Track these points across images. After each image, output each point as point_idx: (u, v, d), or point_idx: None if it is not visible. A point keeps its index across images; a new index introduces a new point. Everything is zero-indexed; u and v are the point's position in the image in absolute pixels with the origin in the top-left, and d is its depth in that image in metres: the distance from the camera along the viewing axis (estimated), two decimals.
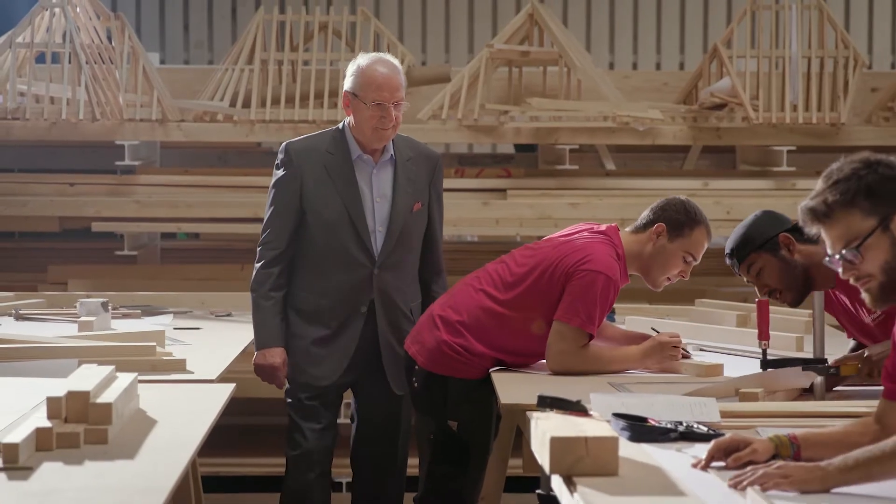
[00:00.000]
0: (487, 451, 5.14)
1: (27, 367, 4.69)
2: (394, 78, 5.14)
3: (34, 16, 8.11)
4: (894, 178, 3.23)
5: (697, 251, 5.09)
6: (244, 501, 7.42)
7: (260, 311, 5.26)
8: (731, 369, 4.85)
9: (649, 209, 5.11)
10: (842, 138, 8.12)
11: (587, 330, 4.85)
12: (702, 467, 3.38)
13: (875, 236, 3.22)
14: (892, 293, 3.26)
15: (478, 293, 5.01)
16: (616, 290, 4.94)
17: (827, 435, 3.47)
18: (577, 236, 5.05)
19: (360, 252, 5.21)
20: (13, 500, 3.08)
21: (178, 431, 3.89)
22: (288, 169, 5.22)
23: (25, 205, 8.10)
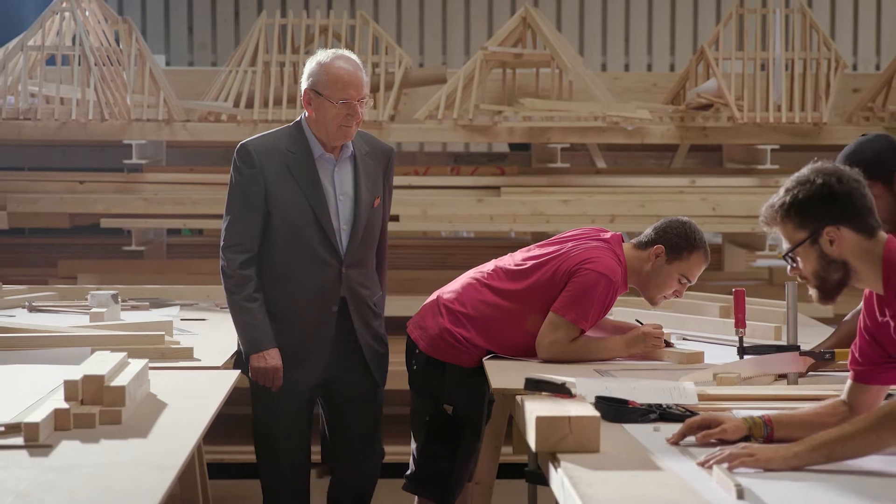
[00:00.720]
0: (479, 433, 5.27)
1: (43, 355, 4.81)
2: (359, 75, 5.00)
3: (45, 19, 8.10)
4: (827, 197, 3.46)
5: (693, 274, 5.21)
6: (247, 487, 7.32)
7: (247, 313, 5.04)
8: (711, 357, 4.99)
9: (652, 228, 5.22)
10: (824, 137, 8.15)
11: (580, 325, 4.99)
12: (672, 442, 3.56)
13: (804, 247, 3.49)
14: (827, 294, 3.52)
15: (483, 287, 5.15)
16: (615, 293, 5.07)
17: (799, 416, 3.64)
18: (584, 240, 5.18)
19: (326, 252, 5.06)
20: (35, 474, 3.23)
21: (186, 413, 4.02)
22: (250, 169, 5.03)
23: (37, 202, 8.08)
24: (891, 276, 3.45)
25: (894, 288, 3.44)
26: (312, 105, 5.03)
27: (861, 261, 3.49)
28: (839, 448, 3.31)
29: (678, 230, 5.19)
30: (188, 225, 8.55)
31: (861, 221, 3.49)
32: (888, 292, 3.46)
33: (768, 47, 8.21)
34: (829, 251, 3.48)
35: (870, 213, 3.50)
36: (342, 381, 5.20)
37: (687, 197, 8.02)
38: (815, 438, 3.34)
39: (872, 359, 3.57)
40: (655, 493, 3.09)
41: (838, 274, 3.49)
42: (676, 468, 3.32)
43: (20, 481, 3.15)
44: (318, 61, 5.04)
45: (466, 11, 12.92)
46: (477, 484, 5.94)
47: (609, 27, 12.97)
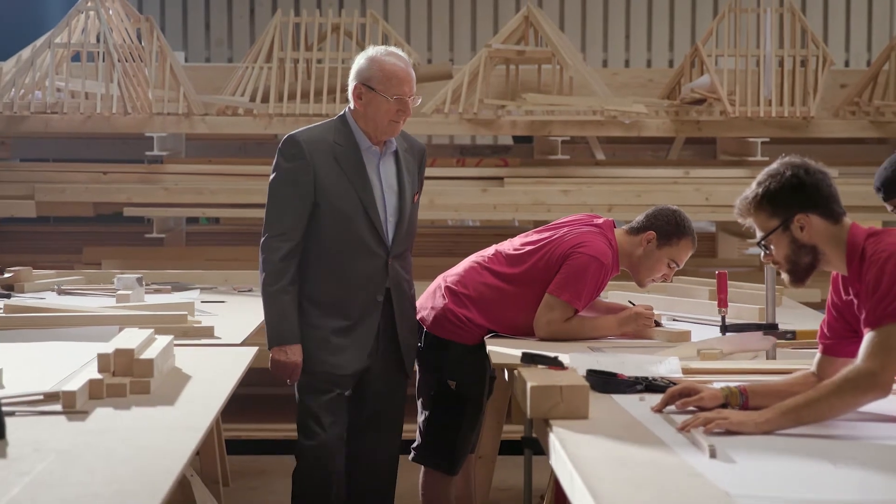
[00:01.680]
0: (480, 407, 5.47)
1: (74, 333, 5.07)
2: (410, 72, 4.96)
3: (71, 18, 8.28)
4: (796, 187, 3.69)
5: (681, 259, 5.41)
6: (263, 462, 7.61)
7: (279, 304, 4.92)
8: (698, 336, 5.19)
9: (643, 215, 5.42)
10: (812, 130, 8.32)
11: (574, 305, 5.20)
12: (655, 410, 3.79)
13: (776, 234, 3.72)
14: (797, 276, 3.75)
15: (484, 270, 5.35)
16: (607, 275, 5.27)
17: (772, 386, 3.88)
18: (578, 225, 5.37)
19: (374, 243, 4.97)
20: (73, 436, 3.47)
21: (209, 385, 4.24)
22: (300, 160, 4.92)
23: (63, 191, 8.25)
24: (853, 258, 3.67)
25: (857, 269, 3.66)
26: (363, 100, 4.94)
27: (828, 245, 3.71)
28: (805, 412, 3.54)
29: (668, 218, 5.39)
30: (207, 214, 8.69)
31: (827, 208, 3.71)
32: (851, 273, 3.68)
33: (759, 45, 8.37)
34: (799, 237, 3.70)
35: (835, 201, 3.72)
36: (377, 370, 5.11)
37: (681, 187, 8.21)
38: (784, 405, 3.57)
39: (839, 332, 3.81)
40: (637, 453, 3.31)
41: (808, 258, 3.71)
42: (658, 432, 3.54)
43: (61, 441, 3.38)
44: (369, 57, 4.96)
45: (473, 10, 13.06)
46: (480, 457, 6.19)
47: (610, 25, 13.09)
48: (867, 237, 3.69)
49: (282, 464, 7.35)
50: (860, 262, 3.66)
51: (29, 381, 4.05)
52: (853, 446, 3.40)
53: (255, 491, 7.14)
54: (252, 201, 8.24)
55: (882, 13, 12.92)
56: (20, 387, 3.95)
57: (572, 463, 3.22)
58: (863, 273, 3.64)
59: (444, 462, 5.50)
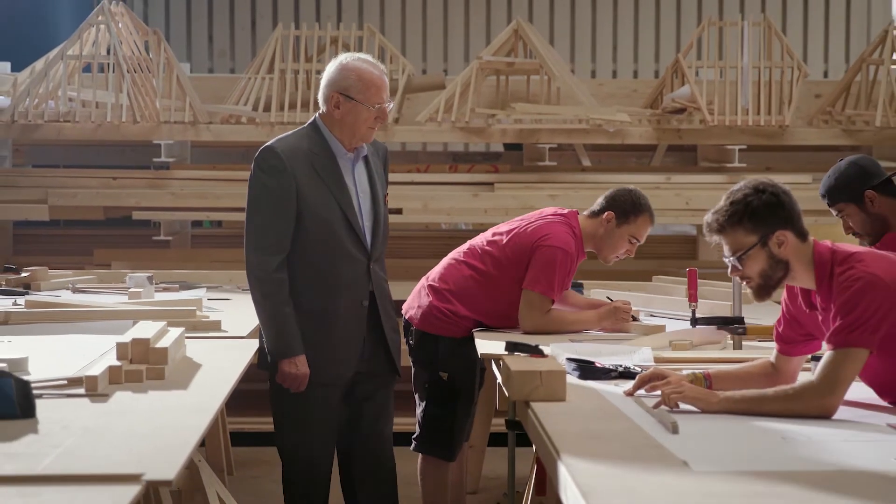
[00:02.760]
0: (472, 396, 5.70)
1: (92, 326, 5.31)
2: (385, 78, 4.92)
3: (82, 31, 8.41)
4: (775, 205, 3.89)
5: (641, 234, 5.68)
6: (264, 453, 7.66)
7: (281, 317, 4.84)
8: (671, 329, 5.44)
9: (602, 197, 5.69)
10: (786, 139, 8.49)
11: (549, 296, 5.47)
12: (627, 394, 4.05)
13: (755, 250, 3.90)
14: (766, 291, 3.95)
15: (461, 265, 5.62)
16: (573, 262, 5.54)
17: (733, 372, 4.15)
18: (543, 218, 5.64)
19: (355, 248, 4.91)
20: (97, 415, 3.72)
21: (218, 372, 4.48)
22: (282, 171, 4.82)
23: (75, 196, 8.37)
24: (823, 276, 3.88)
25: (827, 285, 3.87)
26: (342, 109, 4.86)
27: (798, 261, 3.91)
28: (756, 406, 3.80)
29: (625, 197, 5.66)
30: (211, 217, 8.79)
31: (800, 226, 3.92)
32: (821, 289, 3.90)
33: (738, 57, 8.53)
34: (776, 252, 3.89)
35: (801, 219, 3.95)
36: (369, 373, 5.07)
37: (663, 192, 8.38)
38: (742, 393, 3.84)
39: (792, 338, 4.08)
40: (608, 429, 3.58)
41: (781, 273, 3.91)
42: (628, 413, 3.81)
43: (86, 420, 3.63)
44: (343, 65, 4.88)
45: (466, 23, 13.12)
46: (471, 447, 6.45)
47: (598, 37, 13.17)
48: (832, 254, 3.89)
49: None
50: (829, 279, 3.85)
51: (53, 369, 4.28)
52: (802, 424, 3.66)
53: (257, 480, 7.33)
54: None
55: (859, 27, 13.06)
56: (45, 373, 4.18)
57: (549, 438, 3.49)
58: (833, 292, 3.83)
59: (442, 449, 5.71)
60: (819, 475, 3.08)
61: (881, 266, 3.83)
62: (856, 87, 8.77)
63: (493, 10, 13.10)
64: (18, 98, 8.39)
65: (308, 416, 4.99)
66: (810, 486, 2.98)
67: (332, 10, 13.02)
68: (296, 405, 4.97)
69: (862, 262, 3.83)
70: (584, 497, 2.88)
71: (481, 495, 6.99)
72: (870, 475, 3.09)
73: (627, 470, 3.13)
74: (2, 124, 8.40)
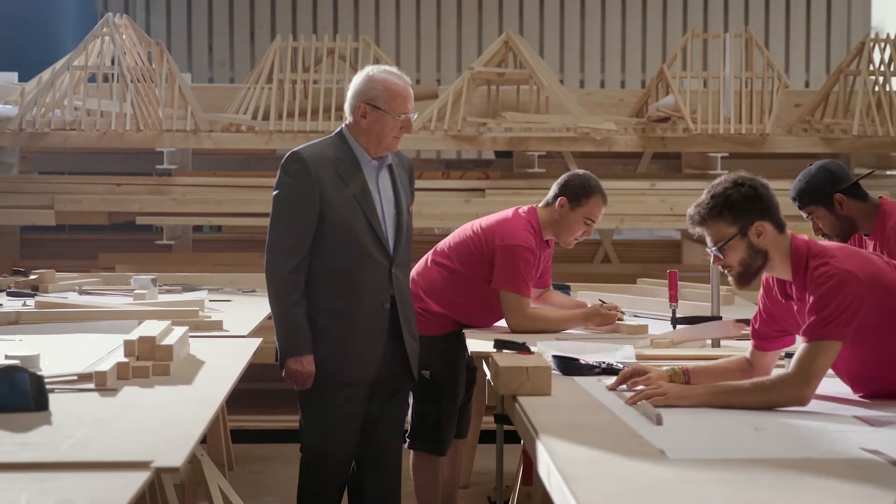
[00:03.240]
0: (456, 392, 5.81)
1: (99, 326, 5.43)
2: (410, 90, 4.96)
3: (87, 43, 8.48)
4: (754, 197, 4.02)
5: (595, 215, 5.78)
6: (263, 450, 7.91)
7: (293, 317, 4.84)
8: (654, 329, 5.58)
9: (555, 184, 5.80)
10: (767, 146, 8.62)
11: (523, 293, 5.59)
12: (610, 388, 4.17)
13: (735, 240, 4.04)
14: (747, 279, 4.08)
15: (432, 265, 5.74)
16: (534, 254, 5.66)
17: (711, 367, 4.28)
18: (504, 216, 5.76)
19: (378, 252, 4.92)
20: (106, 408, 3.85)
21: (220, 369, 4.61)
22: (306, 175, 4.83)
23: (81, 202, 8.48)
24: (799, 267, 4.01)
25: (802, 276, 4.01)
26: (368, 118, 4.89)
27: (776, 251, 4.05)
28: (733, 398, 3.91)
29: (575, 181, 5.76)
30: (212, 222, 8.96)
31: (777, 218, 4.06)
32: (797, 280, 4.03)
33: (719, 68, 8.65)
34: (756, 242, 4.03)
35: (779, 211, 4.08)
36: (386, 376, 5.06)
37: (648, 198, 8.51)
38: (719, 386, 3.98)
39: (768, 334, 4.21)
40: (591, 421, 3.71)
41: (760, 261, 4.05)
42: (610, 406, 3.93)
43: (96, 412, 3.76)
44: (371, 77, 4.92)
45: (458, 34, 13.20)
46: (463, 442, 6.54)
47: (586, 48, 13.24)
48: (808, 247, 4.02)
49: (281, 451, 7.81)
50: (805, 271, 3.98)
51: (63, 365, 4.40)
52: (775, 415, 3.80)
53: (257, 475, 7.42)
54: (254, 210, 8.46)
55: (839, 39, 13.15)
56: (56, 370, 4.29)
57: (535, 429, 3.61)
58: (807, 283, 3.96)
59: (432, 445, 5.81)
60: (788, 462, 3.21)
61: (854, 262, 3.96)
62: (834, 96, 8.89)
63: (485, 23, 13.17)
64: (26, 107, 8.49)
65: (330, 415, 4.98)
66: (779, 471, 3.11)
67: (328, 22, 13.08)
68: (319, 404, 4.97)
69: (836, 259, 3.96)
70: (566, 482, 3.00)
71: (472, 490, 7.10)
72: (836, 462, 3.22)
73: (608, 458, 3.25)
74: (10, 133, 8.49)
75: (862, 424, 3.70)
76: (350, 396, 4.97)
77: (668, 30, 13.24)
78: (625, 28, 13.32)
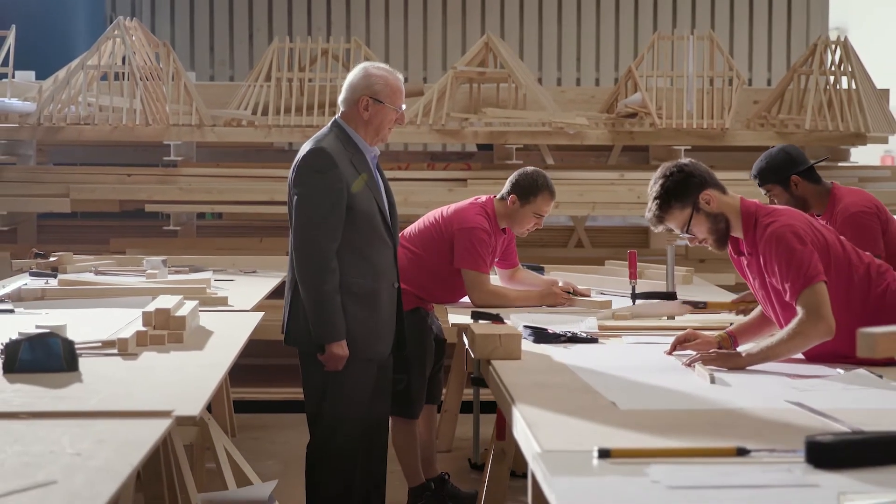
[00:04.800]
0: (424, 361, 6.05)
1: (117, 301, 5.74)
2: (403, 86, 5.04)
3: (100, 44, 8.67)
4: (686, 178, 4.34)
5: (543, 210, 6.06)
6: (263, 419, 8.18)
7: (334, 303, 4.86)
8: (618, 305, 5.88)
9: (508, 181, 6.08)
10: (727, 139, 8.85)
11: (481, 270, 5.90)
12: (667, 353, 4.46)
13: (694, 217, 4.35)
14: (722, 241, 4.38)
15: (401, 247, 5.83)
16: (489, 234, 5.95)
17: (748, 324, 4.59)
18: (462, 205, 6.05)
19: (387, 235, 5.02)
20: (128, 371, 4.18)
21: (227, 339, 4.92)
22: (334, 168, 4.86)
23: (94, 191, 8.68)
24: (749, 224, 4.31)
25: (752, 232, 4.31)
26: (370, 110, 4.95)
27: (728, 211, 4.33)
28: (771, 353, 4.20)
29: (524, 180, 6.03)
30: (215, 209, 9.12)
31: (715, 182, 4.37)
32: (747, 237, 4.33)
33: (684, 67, 8.87)
34: (710, 210, 4.31)
35: (713, 176, 4.38)
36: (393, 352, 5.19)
37: (617, 187, 8.76)
38: (756, 346, 4.26)
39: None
40: (553, 380, 4.05)
41: (723, 223, 4.34)
42: (572, 368, 4.26)
43: (120, 374, 4.10)
44: (370, 73, 4.99)
45: (444, 36, 13.33)
46: (445, 412, 6.85)
47: (563, 48, 13.40)
48: (757, 208, 4.33)
49: (279, 420, 8.08)
50: (754, 228, 4.29)
51: (87, 335, 4.70)
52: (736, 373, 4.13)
53: (256, 441, 7.70)
54: (254, 199, 8.66)
55: (799, 40, 13.31)
56: (81, 338, 4.56)
57: (506, 388, 3.94)
58: (758, 240, 4.26)
59: (405, 409, 6.02)
60: (722, 411, 3.57)
61: (794, 216, 4.30)
62: (789, 94, 9.11)
63: (468, 25, 13.30)
64: (43, 103, 8.66)
65: (350, 390, 5.01)
66: (713, 417, 3.46)
67: (322, 23, 13.18)
68: (339, 380, 4.99)
69: (783, 215, 4.29)
70: (530, 428, 3.34)
71: (454, 454, 7.36)
72: (762, 409, 3.57)
73: (567, 409, 3.59)
74: (28, 127, 8.67)
75: (791, 379, 4.03)
76: (369, 371, 5.05)
77: (639, 31, 13.37)
78: (599, 29, 13.46)
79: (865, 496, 2.60)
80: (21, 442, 3.12)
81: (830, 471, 2.83)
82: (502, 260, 6.30)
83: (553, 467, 2.90)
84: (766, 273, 4.32)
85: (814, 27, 13.35)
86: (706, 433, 3.28)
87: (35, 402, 3.60)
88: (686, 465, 2.91)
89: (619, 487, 2.74)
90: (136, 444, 3.11)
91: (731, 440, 3.11)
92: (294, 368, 5.27)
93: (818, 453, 2.85)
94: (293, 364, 5.38)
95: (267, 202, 8.73)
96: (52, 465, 2.90)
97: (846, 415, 3.42)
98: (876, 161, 14.45)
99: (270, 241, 9.16)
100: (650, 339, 4.91)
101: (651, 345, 4.79)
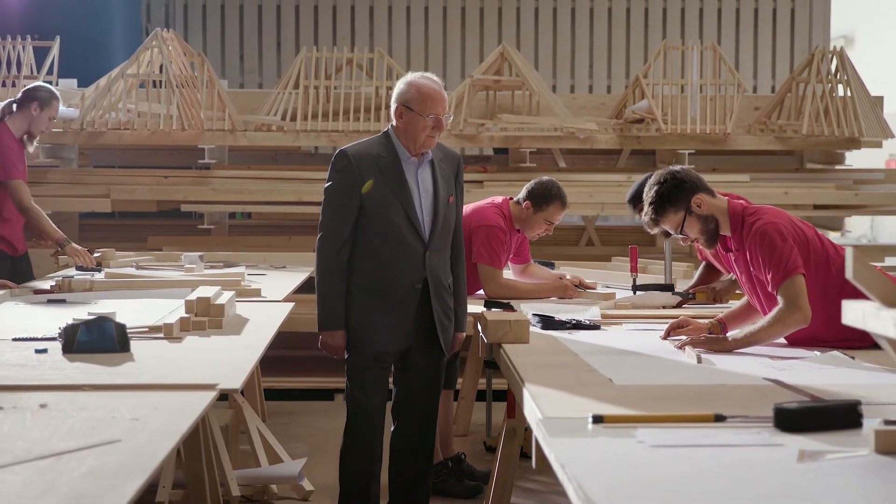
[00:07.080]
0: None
1: (159, 292, 6.05)
2: (443, 94, 5.03)
3: (139, 54, 8.93)
4: (678, 184, 4.63)
5: (554, 218, 6.33)
6: (292, 406, 8.42)
7: (333, 295, 5.01)
8: (619, 295, 6.16)
9: (524, 187, 6.33)
10: (728, 144, 9.04)
11: (496, 266, 6.16)
12: (662, 338, 4.75)
13: (687, 220, 4.65)
14: (712, 241, 4.67)
15: None
16: (506, 234, 6.21)
17: (736, 311, 4.87)
18: (480, 205, 6.31)
19: (413, 238, 5.00)
20: (174, 352, 4.50)
21: (262, 325, 5.23)
22: (348, 170, 4.97)
23: (133, 192, 8.92)
24: (736, 223, 4.60)
25: (740, 230, 4.60)
26: (404, 118, 5.00)
27: (717, 213, 4.62)
28: (754, 339, 4.50)
29: (539, 189, 6.28)
30: (246, 209, 9.32)
31: (704, 187, 4.65)
32: (735, 234, 4.62)
33: (688, 76, 9.08)
34: (701, 212, 4.60)
35: (703, 181, 4.68)
36: (417, 349, 5.14)
37: (625, 189, 8.74)
38: (743, 331, 4.54)
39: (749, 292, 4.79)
40: (558, 361, 4.36)
41: (713, 224, 4.63)
42: (575, 350, 4.57)
43: (167, 354, 4.43)
44: (408, 82, 5.04)
45: (462, 45, 13.50)
46: (462, 399, 7.13)
47: (576, 57, 13.56)
48: (743, 208, 4.61)
49: (307, 407, 8.35)
50: (741, 226, 4.58)
51: (135, 321, 5.00)
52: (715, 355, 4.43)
53: (286, 425, 7.96)
54: (283, 199, 8.84)
55: (801, 49, 13.44)
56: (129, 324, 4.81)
57: (516, 369, 4.26)
58: (744, 237, 4.54)
59: None
60: (706, 386, 3.88)
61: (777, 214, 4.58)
62: (788, 101, 9.30)
63: (486, 34, 13.44)
64: (86, 110, 8.92)
65: (364, 378, 5.12)
66: (697, 392, 3.78)
67: (346, 33, 13.34)
68: (355, 368, 5.13)
69: (766, 214, 4.56)
70: (535, 399, 3.67)
71: (470, 437, 7.60)
72: (742, 387, 3.88)
73: (569, 384, 3.90)
74: (72, 132, 8.91)
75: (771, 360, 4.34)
76: (383, 362, 5.13)
77: (649, 40, 13.51)
78: (611, 38, 13.59)
79: None
80: (86, 409, 3.46)
81: (795, 434, 3.14)
82: (516, 256, 6.59)
83: (552, 430, 3.23)
84: (751, 266, 4.62)
85: (815, 36, 13.49)
86: (690, 404, 3.59)
87: (94, 377, 3.93)
88: (669, 429, 3.23)
89: (609, 447, 3.06)
90: (186, 412, 3.45)
91: (711, 410, 3.41)
92: (319, 359, 5.36)
93: (784, 418, 3.17)
94: (319, 355, 5.52)
95: (295, 202, 8.94)
96: (115, 427, 3.24)
97: (819, 391, 3.73)
98: (881, 165, 14.60)
99: (298, 240, 9.35)
100: (648, 325, 5.20)
101: (648, 331, 5.07)
